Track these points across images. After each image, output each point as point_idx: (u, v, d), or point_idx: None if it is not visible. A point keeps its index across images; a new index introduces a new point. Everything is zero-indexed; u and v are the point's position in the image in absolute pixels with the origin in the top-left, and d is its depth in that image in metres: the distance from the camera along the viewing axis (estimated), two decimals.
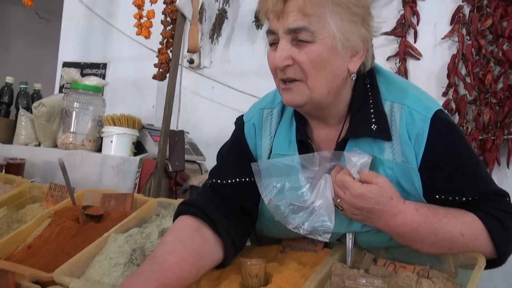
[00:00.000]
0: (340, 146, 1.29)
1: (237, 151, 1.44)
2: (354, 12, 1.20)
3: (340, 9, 1.18)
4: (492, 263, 1.26)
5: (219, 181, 1.41)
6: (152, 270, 1.16)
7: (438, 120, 1.23)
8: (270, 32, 1.24)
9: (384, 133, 1.24)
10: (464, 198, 1.24)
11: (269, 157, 1.38)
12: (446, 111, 2.85)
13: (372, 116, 1.25)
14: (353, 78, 1.28)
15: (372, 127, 1.24)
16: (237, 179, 1.40)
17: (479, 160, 1.34)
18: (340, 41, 1.19)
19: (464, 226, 1.20)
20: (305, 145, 1.33)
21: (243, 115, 1.48)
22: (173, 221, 1.36)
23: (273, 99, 1.43)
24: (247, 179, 1.38)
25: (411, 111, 1.23)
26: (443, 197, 1.24)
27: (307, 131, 1.35)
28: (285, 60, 1.21)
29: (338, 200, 1.20)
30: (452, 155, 1.23)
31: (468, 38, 2.97)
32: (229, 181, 1.40)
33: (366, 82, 1.31)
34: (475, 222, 1.22)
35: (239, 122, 1.48)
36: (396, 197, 1.17)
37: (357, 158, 1.17)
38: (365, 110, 1.27)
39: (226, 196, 1.38)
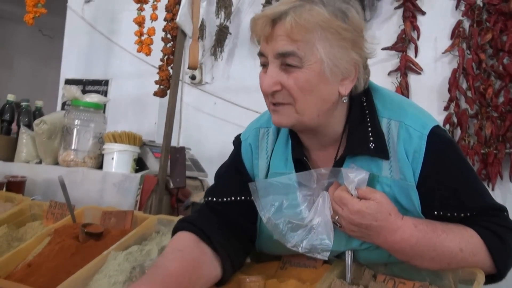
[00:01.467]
0: (338, 164, 1.28)
1: (234, 170, 1.44)
2: (344, 37, 1.18)
3: (329, 35, 1.17)
4: (492, 278, 1.25)
5: (214, 199, 1.41)
6: (156, 273, 1.18)
7: (435, 137, 1.23)
8: (260, 54, 1.25)
9: (382, 152, 1.24)
10: (462, 214, 1.24)
11: (266, 176, 1.38)
12: (446, 126, 2.93)
13: (370, 134, 1.25)
14: (344, 101, 1.27)
15: (370, 145, 1.24)
16: (233, 198, 1.39)
17: (476, 175, 1.33)
18: (328, 67, 1.18)
19: (463, 242, 1.19)
20: (301, 164, 1.32)
21: (240, 134, 1.49)
22: (172, 237, 1.36)
23: (269, 118, 1.41)
24: (243, 197, 1.38)
25: (408, 128, 1.23)
26: (441, 213, 1.24)
27: (303, 150, 1.35)
28: (274, 85, 1.21)
29: (337, 217, 1.19)
30: (450, 172, 1.23)
31: (469, 52, 2.98)
32: (225, 199, 1.40)
33: (363, 100, 1.30)
34: (474, 238, 1.21)
35: (237, 142, 1.48)
36: (394, 213, 1.17)
37: (354, 174, 1.16)
38: (362, 128, 1.26)
39: (223, 214, 1.38)
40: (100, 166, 2.73)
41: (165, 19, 2.87)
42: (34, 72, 6.62)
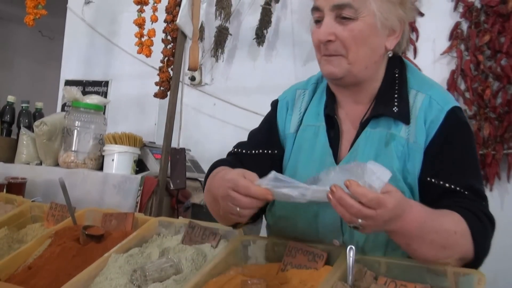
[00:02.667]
0: (363, 125, 1.39)
1: (266, 127, 1.57)
2: None
3: None
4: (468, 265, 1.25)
5: (244, 151, 1.54)
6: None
7: (454, 115, 1.33)
8: (315, 9, 1.35)
9: (403, 116, 1.34)
10: (453, 186, 1.29)
11: (298, 129, 1.50)
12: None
13: (395, 100, 1.36)
14: (390, 55, 1.39)
15: (394, 109, 1.35)
16: (260, 151, 1.52)
17: (478, 162, 1.41)
18: (379, 20, 1.31)
19: (455, 224, 1.21)
20: (331, 119, 1.44)
21: (278, 97, 1.61)
22: (207, 175, 1.51)
23: (307, 81, 1.57)
24: (270, 151, 1.51)
25: (432, 101, 1.35)
26: (433, 180, 1.31)
27: (335, 108, 1.45)
28: (329, 35, 1.31)
29: (360, 220, 1.10)
30: (457, 147, 1.32)
31: (467, 54, 2.99)
32: (254, 151, 1.52)
33: (395, 72, 1.42)
34: (462, 221, 1.22)
35: (274, 101, 1.60)
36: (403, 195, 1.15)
37: (381, 172, 1.10)
38: (389, 95, 1.38)
39: (250, 165, 1.44)
40: (100, 168, 2.74)
41: (165, 21, 2.88)
42: (34, 73, 6.62)
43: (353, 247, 1.23)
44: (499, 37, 2.89)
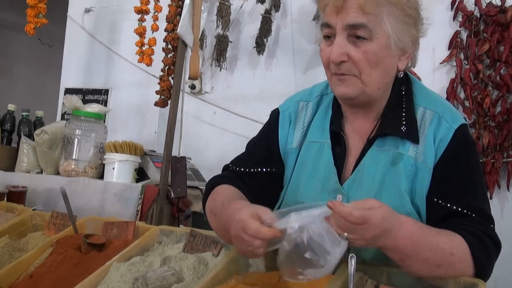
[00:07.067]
0: (370, 142, 1.36)
1: (265, 142, 1.52)
2: (408, 14, 1.28)
3: (396, 10, 1.26)
4: None
5: (242, 169, 1.49)
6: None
7: (461, 133, 1.32)
8: (326, 25, 1.30)
9: (412, 135, 1.32)
10: (460, 208, 1.28)
11: (301, 144, 1.46)
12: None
13: (403, 119, 1.34)
14: (401, 76, 1.36)
15: (402, 128, 1.33)
16: (258, 169, 1.48)
17: (484, 182, 1.40)
18: (393, 41, 1.27)
19: (454, 246, 1.20)
20: (337, 136, 1.41)
21: (277, 107, 1.56)
22: (207, 192, 1.47)
23: (310, 92, 1.52)
24: (268, 169, 1.47)
25: (441, 119, 1.33)
26: (440, 201, 1.29)
27: (341, 124, 1.42)
28: (341, 56, 1.26)
29: (346, 234, 1.13)
30: (463, 167, 1.31)
31: (466, 63, 3.01)
32: (253, 170, 1.48)
33: (402, 89, 1.39)
34: (463, 245, 1.21)
35: (274, 112, 1.55)
36: (393, 211, 1.16)
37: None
38: (397, 113, 1.36)
39: (248, 183, 1.45)
40: (101, 176, 2.74)
41: (166, 30, 2.88)
42: (33, 81, 6.63)
43: (354, 256, 1.22)
44: (498, 46, 2.91)
